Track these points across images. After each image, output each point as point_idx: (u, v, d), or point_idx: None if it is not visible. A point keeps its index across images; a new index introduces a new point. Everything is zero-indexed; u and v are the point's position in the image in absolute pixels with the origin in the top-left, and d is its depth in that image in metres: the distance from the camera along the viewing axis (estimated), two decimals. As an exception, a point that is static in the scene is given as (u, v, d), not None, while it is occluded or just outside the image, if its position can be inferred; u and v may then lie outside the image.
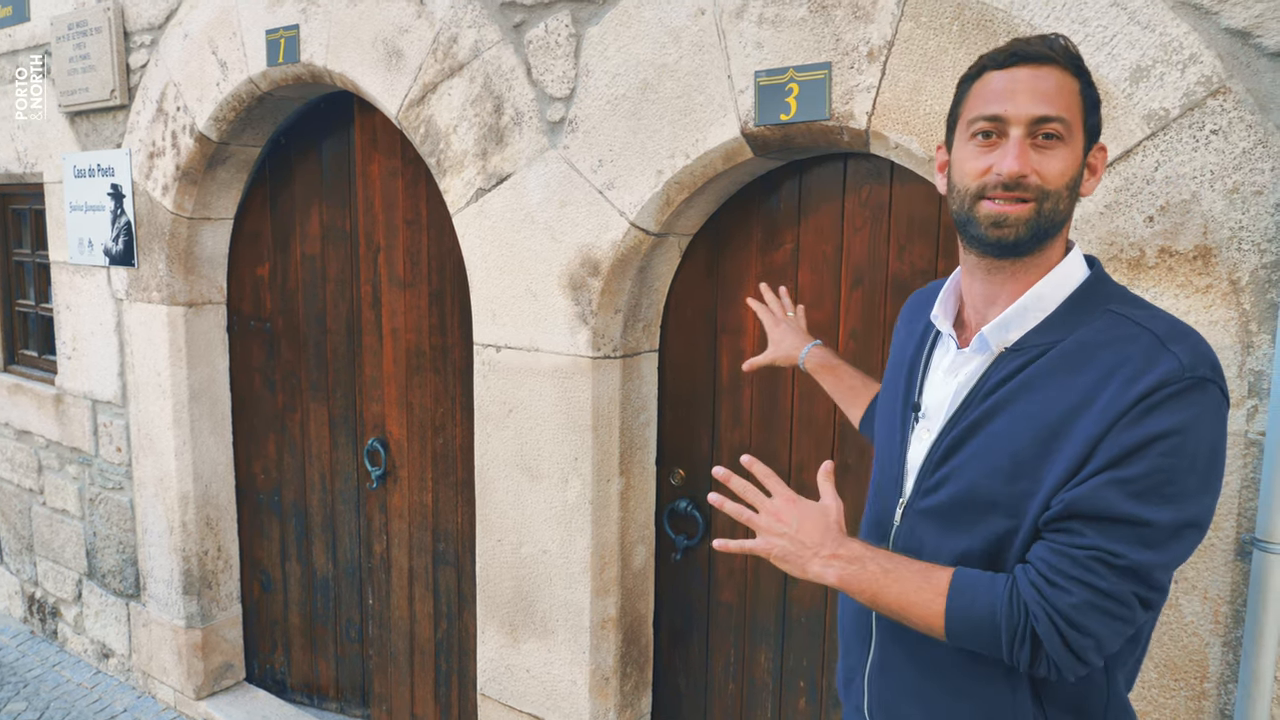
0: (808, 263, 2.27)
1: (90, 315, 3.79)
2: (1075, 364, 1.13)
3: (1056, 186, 1.16)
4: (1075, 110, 1.17)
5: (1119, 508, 1.05)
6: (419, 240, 2.95)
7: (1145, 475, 1.04)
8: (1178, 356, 1.07)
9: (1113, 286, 1.22)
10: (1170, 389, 1.05)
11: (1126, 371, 1.08)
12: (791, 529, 1.24)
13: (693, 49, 2.11)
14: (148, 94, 3.38)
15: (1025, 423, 1.15)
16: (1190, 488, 1.06)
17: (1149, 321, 1.13)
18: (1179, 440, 1.05)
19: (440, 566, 3.05)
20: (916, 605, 1.16)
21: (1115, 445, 1.06)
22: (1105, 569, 1.05)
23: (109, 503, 3.88)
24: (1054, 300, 1.19)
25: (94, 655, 4.12)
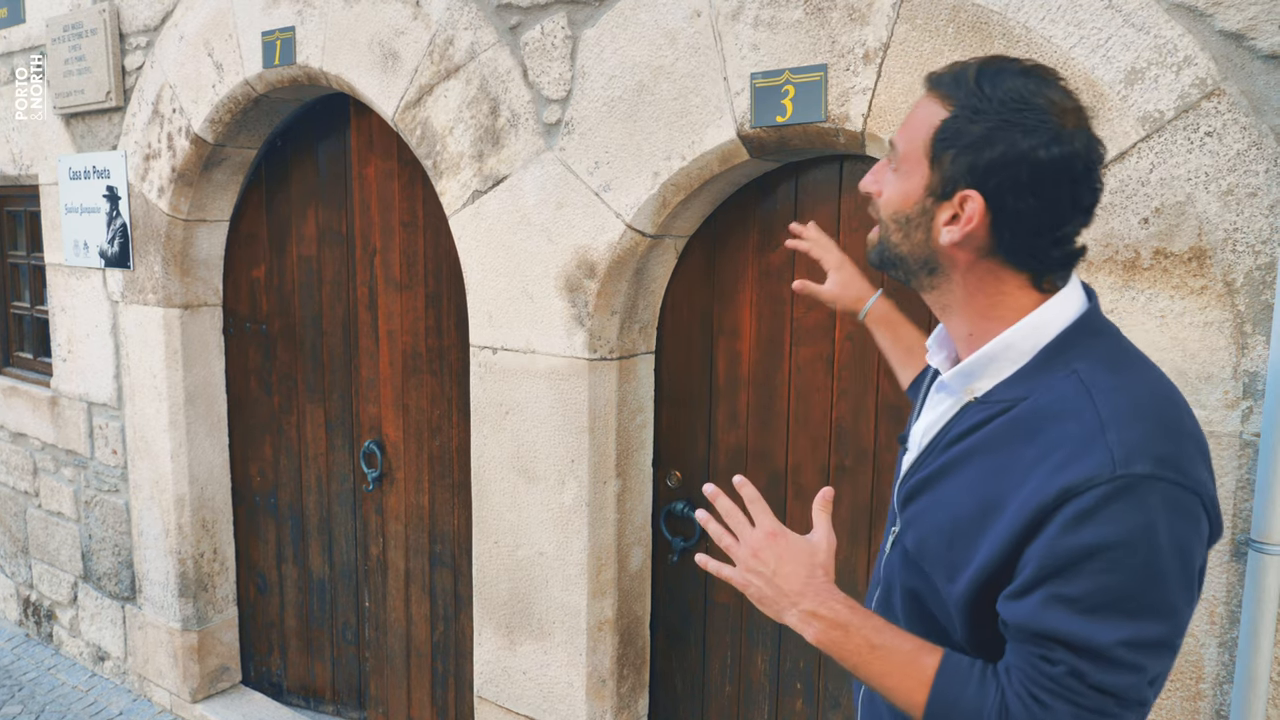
0: (804, 265, 2.27)
1: (86, 317, 3.79)
2: (1024, 434, 1.04)
3: (884, 215, 1.13)
4: (920, 140, 1.07)
5: (1071, 630, 0.96)
6: (415, 242, 2.94)
7: (1090, 593, 0.95)
8: (1111, 449, 0.95)
9: (1092, 339, 1.08)
10: (1100, 491, 0.94)
11: (1058, 456, 0.98)
12: (769, 569, 1.14)
13: (689, 51, 2.11)
14: (143, 96, 3.38)
15: (969, 490, 1.07)
16: (1149, 600, 0.95)
17: (1104, 394, 1.00)
18: (1121, 554, 0.94)
19: (437, 568, 3.05)
20: (898, 691, 1.07)
21: (1051, 555, 0.96)
22: (1082, 686, 0.97)
23: (105, 505, 3.87)
24: (1027, 351, 1.08)
25: (89, 658, 4.11)
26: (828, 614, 1.10)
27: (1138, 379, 1.04)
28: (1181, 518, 0.96)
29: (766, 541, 1.15)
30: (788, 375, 2.32)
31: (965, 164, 1.04)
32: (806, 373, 2.30)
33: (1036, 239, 1.06)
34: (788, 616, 1.13)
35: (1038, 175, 1.02)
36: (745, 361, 2.39)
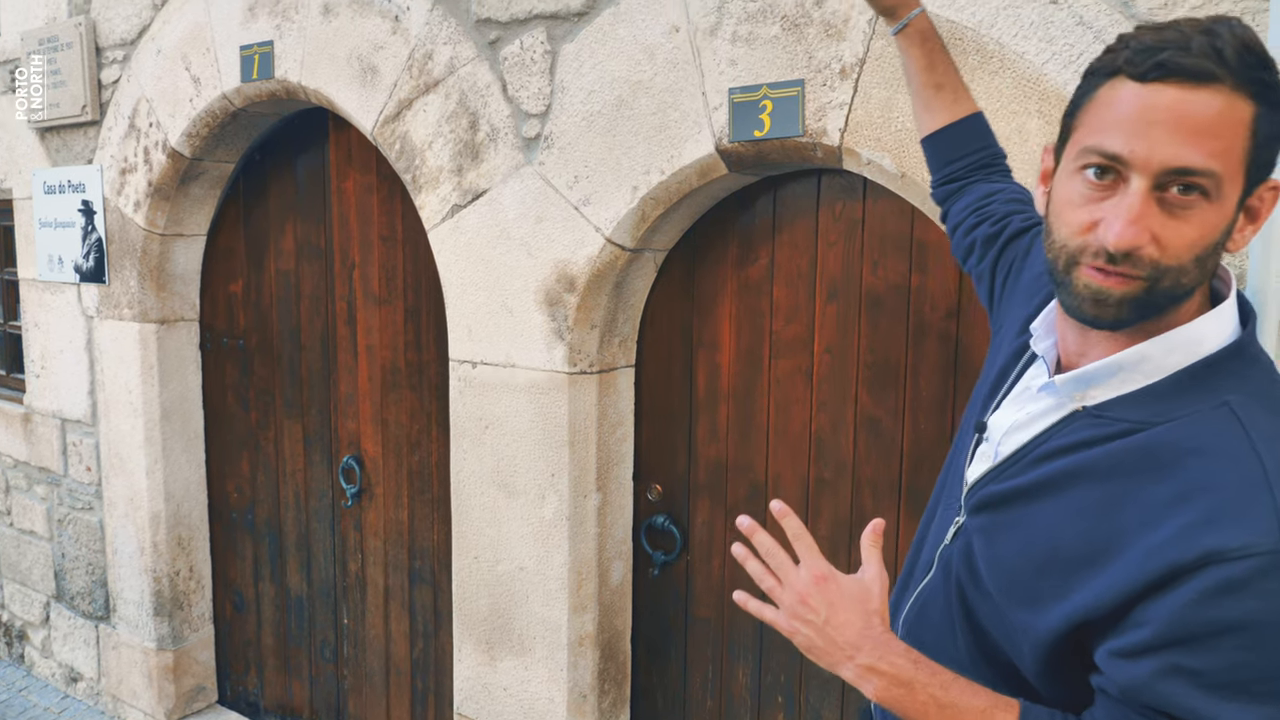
0: (783, 278, 2.29)
1: (60, 333, 3.75)
2: (1156, 466, 0.87)
3: (1181, 262, 0.86)
4: (1236, 153, 0.84)
5: (1191, 705, 0.83)
6: (394, 256, 2.94)
7: (1222, 670, 0.82)
8: (1277, 511, 0.80)
9: (1249, 368, 0.91)
10: (1257, 562, 0.79)
11: (1203, 505, 0.83)
12: (820, 618, 1.02)
13: (667, 66, 2.12)
14: (120, 110, 3.36)
15: (1076, 518, 0.92)
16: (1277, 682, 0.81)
17: (1266, 441, 0.84)
18: (1269, 634, 0.80)
19: (416, 584, 3.03)
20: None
21: (1181, 623, 0.82)
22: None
23: (78, 523, 3.82)
24: (1165, 367, 0.91)
25: (62, 679, 4.05)
26: (889, 669, 0.98)
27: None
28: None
29: (815, 587, 1.03)
30: (767, 388, 2.33)
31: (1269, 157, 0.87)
32: (785, 385, 2.30)
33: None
34: (844, 671, 1.01)
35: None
36: (725, 374, 2.40)
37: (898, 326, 2.15)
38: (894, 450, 2.18)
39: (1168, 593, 0.83)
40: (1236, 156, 0.84)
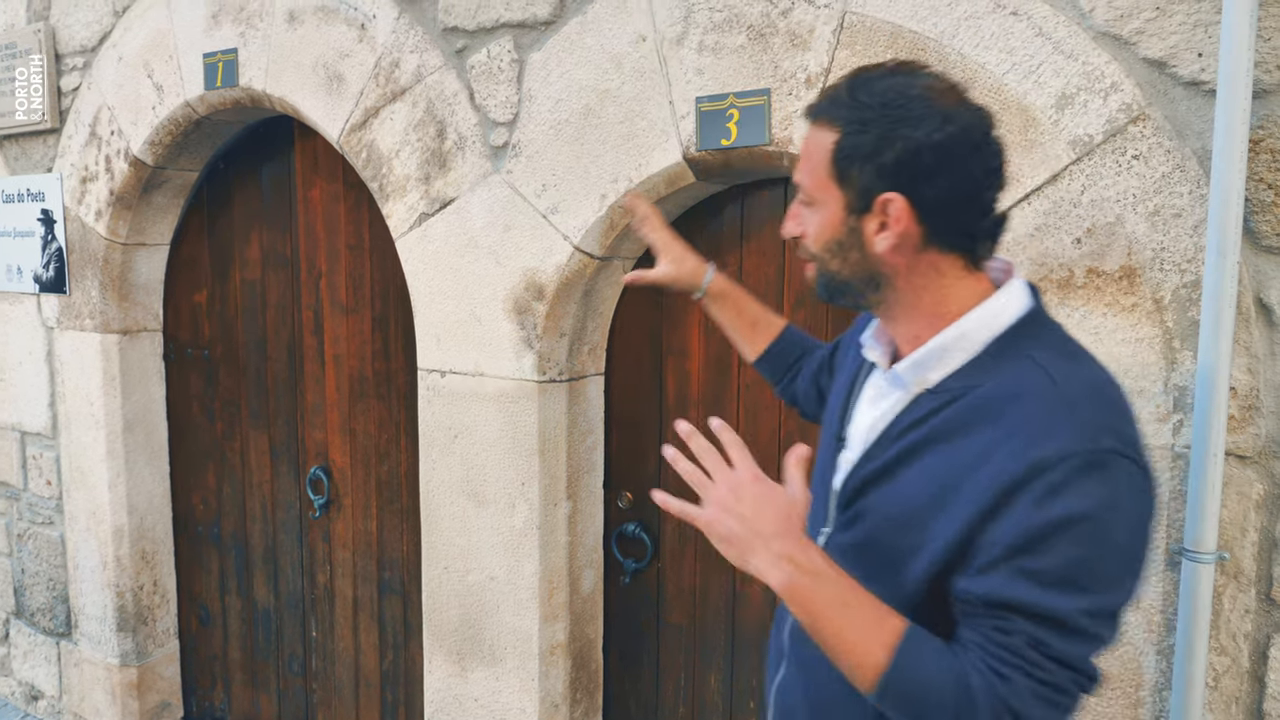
0: (751, 285, 2.30)
1: (19, 344, 3.68)
2: (982, 417, 1.05)
3: (815, 249, 1.16)
4: (821, 168, 1.12)
5: (1036, 600, 0.97)
6: (362, 265, 2.92)
7: (1057, 566, 0.97)
8: (1082, 425, 0.99)
9: (1045, 328, 1.12)
10: (1070, 465, 0.96)
11: (1025, 434, 1.00)
12: (745, 509, 1.08)
13: (634, 75, 2.13)
14: (80, 117, 3.31)
15: (926, 476, 1.08)
16: (1109, 574, 0.99)
17: (1065, 377, 1.03)
18: (1090, 527, 0.96)
19: (386, 596, 3.00)
20: (857, 650, 1.03)
21: (1021, 530, 0.98)
22: (1041, 658, 0.98)
23: (39, 538, 3.75)
24: (980, 340, 1.10)
25: (22, 698, 3.96)
26: (802, 558, 1.05)
27: (1089, 366, 1.08)
28: (1139, 495, 1.00)
29: (750, 482, 1.10)
30: (736, 394, 2.34)
31: (873, 172, 1.08)
32: (755, 391, 2.32)
33: (962, 214, 1.10)
34: (756, 558, 1.06)
35: (941, 157, 1.06)
36: (694, 381, 2.41)
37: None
38: (862, 456, 2.20)
39: (1007, 510, 0.99)
40: (822, 173, 1.12)
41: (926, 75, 1.10)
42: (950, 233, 1.11)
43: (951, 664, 1.01)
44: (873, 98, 1.08)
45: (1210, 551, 1.55)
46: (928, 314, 1.14)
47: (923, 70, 1.11)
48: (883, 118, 1.07)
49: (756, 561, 1.06)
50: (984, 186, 1.11)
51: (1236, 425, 1.57)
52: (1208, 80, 1.56)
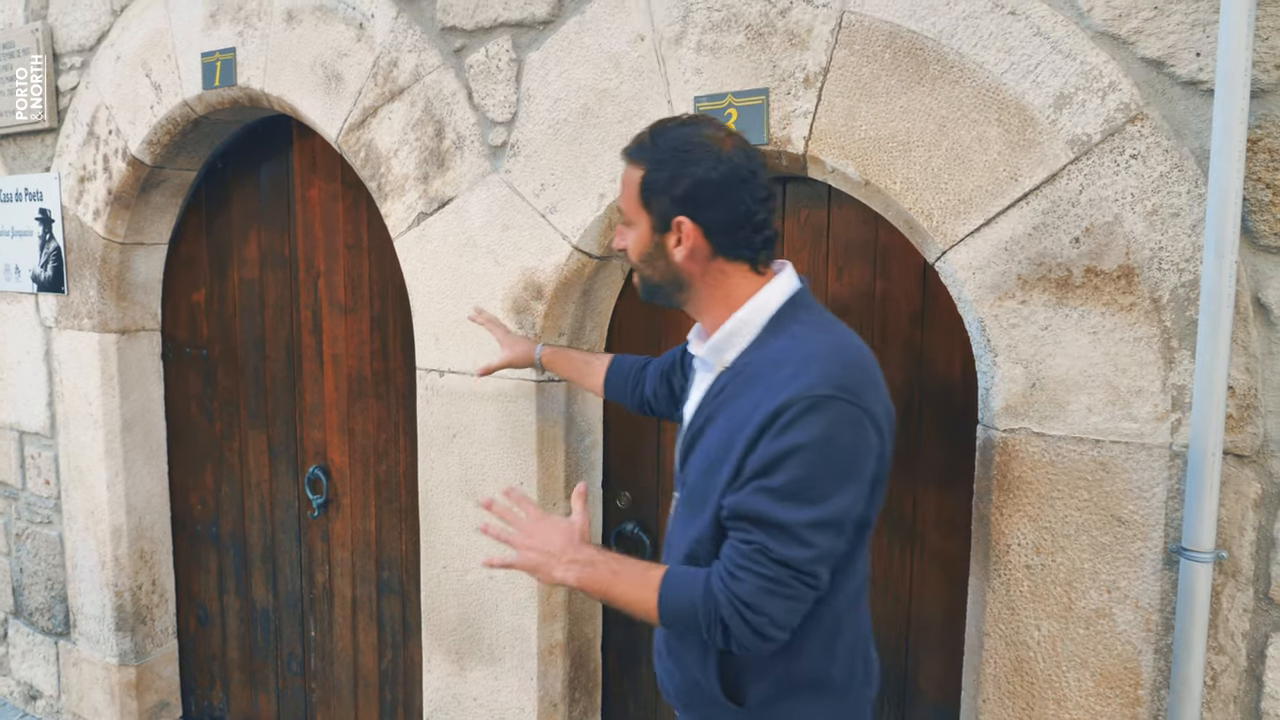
0: (749, 284, 2.30)
1: (17, 343, 3.68)
2: (753, 380, 1.36)
3: (635, 259, 1.48)
4: (633, 197, 1.44)
5: (767, 511, 1.27)
6: (360, 264, 2.92)
7: (786, 484, 1.26)
8: (808, 379, 1.28)
9: (806, 309, 1.43)
10: (797, 407, 1.26)
11: (774, 389, 1.30)
12: (539, 542, 1.45)
13: (633, 74, 2.13)
14: (78, 117, 3.31)
15: (720, 431, 1.38)
16: (826, 490, 1.27)
17: (809, 343, 1.35)
18: (809, 453, 1.26)
19: (384, 595, 3.00)
20: (636, 600, 1.38)
21: (762, 456, 1.28)
22: (766, 559, 1.27)
23: (37, 537, 3.75)
24: (757, 323, 1.42)
25: (20, 698, 3.96)
26: (582, 558, 1.42)
27: (833, 335, 1.39)
28: (852, 428, 1.29)
29: (536, 523, 1.49)
30: (735, 394, 2.34)
31: (668, 201, 1.40)
32: (753, 391, 2.32)
33: (738, 232, 1.42)
34: (556, 571, 1.43)
35: (716, 190, 1.39)
36: (693, 381, 2.41)
37: (863, 333, 2.17)
38: (860, 455, 2.20)
39: (757, 445, 1.29)
40: (633, 200, 1.44)
41: (710, 126, 1.43)
42: (731, 246, 1.43)
43: (697, 578, 1.34)
44: (667, 143, 1.41)
45: (1208, 550, 1.55)
46: (722, 307, 1.45)
47: (709, 122, 1.44)
48: (674, 159, 1.39)
49: (556, 573, 1.43)
50: (754, 211, 1.42)
51: (1234, 424, 1.58)
52: (1206, 80, 1.56)
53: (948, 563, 2.10)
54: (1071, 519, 1.70)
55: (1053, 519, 1.71)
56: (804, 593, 1.29)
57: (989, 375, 1.77)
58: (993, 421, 1.76)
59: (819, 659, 1.41)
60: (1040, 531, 1.73)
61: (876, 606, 2.21)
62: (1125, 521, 1.65)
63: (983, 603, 1.81)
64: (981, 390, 1.80)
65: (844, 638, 1.44)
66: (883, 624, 2.20)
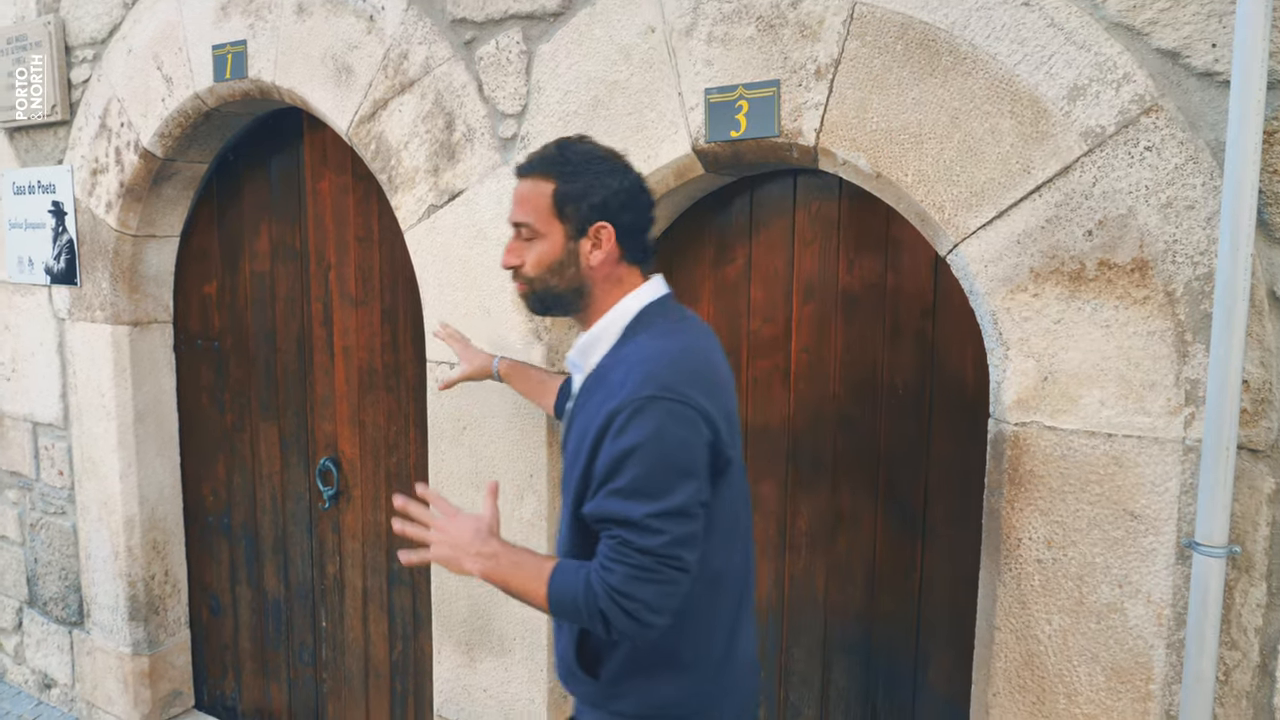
0: (759, 277, 2.30)
1: (31, 335, 3.70)
2: (600, 385, 1.47)
3: (535, 273, 1.55)
4: (545, 210, 1.52)
5: (619, 511, 1.38)
6: (371, 257, 2.92)
7: (629, 483, 1.37)
8: (633, 384, 1.40)
9: (661, 316, 1.54)
10: (626, 411, 1.38)
11: (612, 392, 1.42)
12: (450, 537, 1.53)
13: (643, 66, 2.13)
14: (90, 110, 3.32)
15: (577, 432, 1.50)
16: (667, 484, 1.37)
17: (645, 349, 1.46)
18: (644, 451, 1.37)
19: (395, 586, 3.01)
20: (529, 591, 1.47)
21: (604, 462, 1.40)
22: (630, 550, 1.37)
23: (51, 528, 3.77)
24: (617, 329, 1.54)
25: (35, 686, 4.00)
26: (487, 551, 1.50)
27: (673, 341, 1.48)
28: (680, 423, 1.39)
29: (447, 520, 1.55)
30: (745, 387, 2.34)
31: (586, 208, 1.51)
32: (764, 385, 2.31)
33: (641, 236, 1.57)
34: (464, 563, 1.51)
35: (629, 198, 1.54)
36: (703, 374, 2.40)
37: (874, 326, 2.16)
38: (871, 449, 2.19)
39: (599, 450, 1.41)
40: (545, 212, 1.52)
41: (600, 145, 1.58)
42: (636, 250, 1.57)
43: (579, 573, 1.43)
44: (576, 156, 1.53)
45: (1221, 545, 1.54)
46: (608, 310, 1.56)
47: (594, 141, 1.59)
48: (587, 170, 1.51)
49: (465, 564, 1.51)
50: (648, 220, 1.59)
51: (1249, 419, 1.57)
52: (1222, 71, 1.54)
53: (958, 557, 2.10)
54: (1083, 513, 1.69)
55: (1064, 513, 1.71)
56: (672, 575, 1.38)
57: (1000, 369, 1.76)
58: (1004, 415, 1.76)
59: (665, 637, 1.48)
60: (1052, 526, 1.72)
61: (885, 600, 2.21)
62: (1138, 516, 1.64)
63: (993, 597, 1.81)
64: (993, 384, 1.79)
65: (694, 618, 1.53)
66: (892, 618, 2.20)
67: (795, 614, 2.34)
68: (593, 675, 1.57)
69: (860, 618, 2.25)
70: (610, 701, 1.56)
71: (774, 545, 2.35)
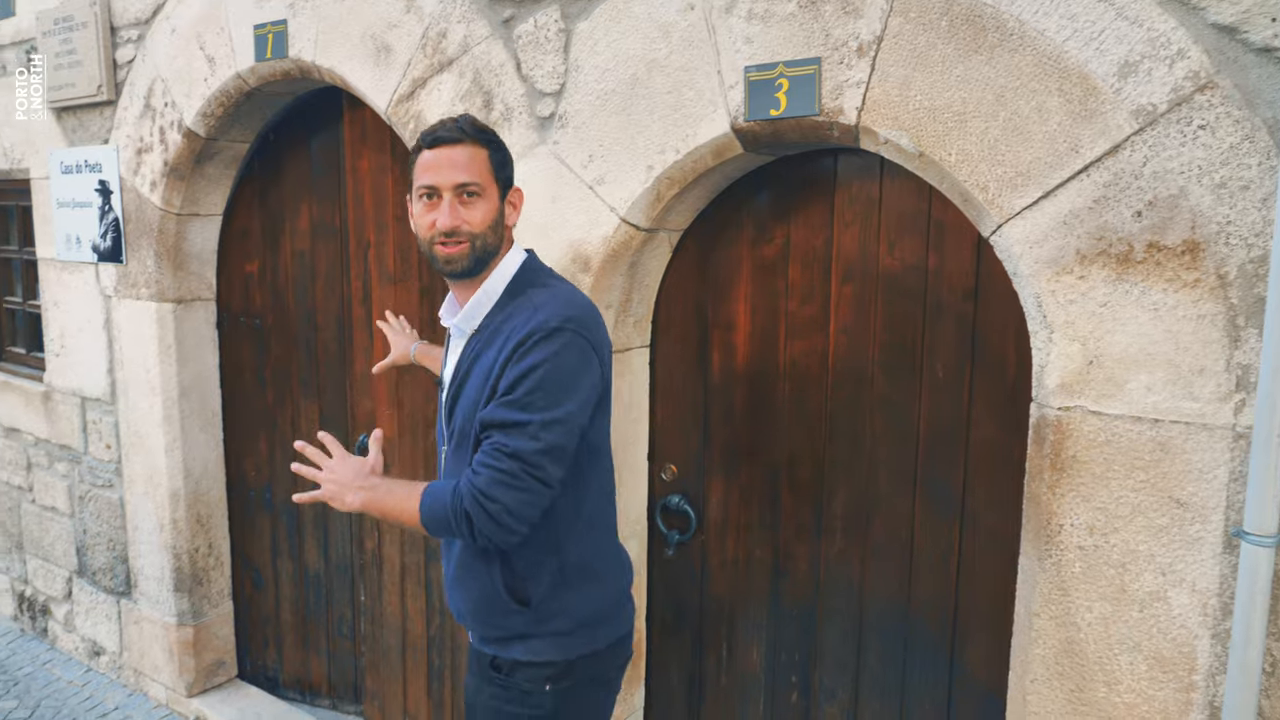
0: (798, 258, 2.27)
1: (78, 312, 3.78)
2: (500, 331, 1.65)
3: (480, 229, 1.68)
4: (486, 172, 1.68)
5: (507, 416, 1.56)
6: (409, 236, 2.94)
7: (523, 394, 1.56)
8: (541, 317, 1.60)
9: (535, 274, 1.74)
10: (534, 338, 1.57)
11: (515, 331, 1.61)
12: (338, 476, 1.70)
13: (683, 44, 2.10)
14: (135, 89, 3.36)
15: (478, 375, 1.66)
16: (557, 399, 1.57)
17: (537, 296, 1.66)
18: (543, 370, 1.56)
19: (432, 563, 3.05)
20: (404, 511, 1.64)
21: (506, 379, 1.58)
22: (500, 454, 1.55)
23: (99, 500, 3.87)
24: (497, 292, 1.71)
25: (85, 653, 4.11)
26: (365, 484, 1.69)
27: (564, 288, 1.71)
28: (577, 353, 1.61)
29: (338, 461, 1.73)
30: (782, 369, 2.33)
31: (508, 174, 1.74)
32: (801, 366, 2.30)
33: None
34: (347, 496, 1.68)
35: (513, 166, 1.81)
36: (740, 355, 2.39)
37: (914, 307, 2.14)
38: (909, 432, 2.17)
39: (503, 373, 1.60)
40: (486, 175, 1.69)
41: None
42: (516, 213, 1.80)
43: (449, 485, 1.61)
44: (486, 129, 1.73)
45: (1271, 534, 1.50)
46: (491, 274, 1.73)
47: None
48: (501, 143, 1.75)
49: (347, 498, 1.68)
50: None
51: (1302, 406, 1.52)
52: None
53: (997, 542, 2.08)
54: (1127, 500, 1.66)
55: (1107, 499, 1.68)
56: (534, 486, 1.56)
57: (1044, 352, 1.73)
58: (1047, 399, 1.73)
59: (580, 552, 1.73)
60: (1094, 512, 1.69)
61: (922, 584, 2.19)
62: (1184, 504, 1.61)
63: (1033, 583, 1.79)
64: (1036, 367, 1.76)
65: (600, 530, 1.79)
66: (929, 603, 2.19)
67: (830, 596, 2.33)
68: (523, 604, 1.70)
69: (896, 601, 2.24)
70: (544, 624, 1.71)
71: (809, 528, 2.34)
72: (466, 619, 1.80)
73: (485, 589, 1.72)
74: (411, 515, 1.64)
